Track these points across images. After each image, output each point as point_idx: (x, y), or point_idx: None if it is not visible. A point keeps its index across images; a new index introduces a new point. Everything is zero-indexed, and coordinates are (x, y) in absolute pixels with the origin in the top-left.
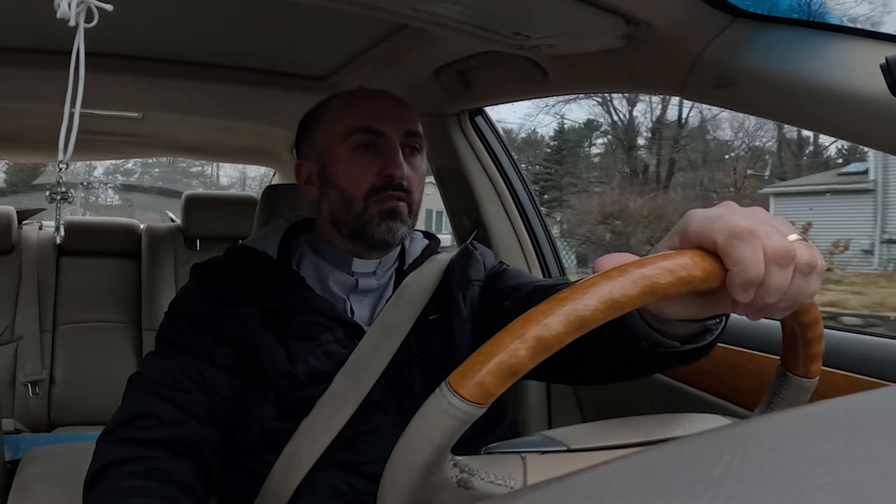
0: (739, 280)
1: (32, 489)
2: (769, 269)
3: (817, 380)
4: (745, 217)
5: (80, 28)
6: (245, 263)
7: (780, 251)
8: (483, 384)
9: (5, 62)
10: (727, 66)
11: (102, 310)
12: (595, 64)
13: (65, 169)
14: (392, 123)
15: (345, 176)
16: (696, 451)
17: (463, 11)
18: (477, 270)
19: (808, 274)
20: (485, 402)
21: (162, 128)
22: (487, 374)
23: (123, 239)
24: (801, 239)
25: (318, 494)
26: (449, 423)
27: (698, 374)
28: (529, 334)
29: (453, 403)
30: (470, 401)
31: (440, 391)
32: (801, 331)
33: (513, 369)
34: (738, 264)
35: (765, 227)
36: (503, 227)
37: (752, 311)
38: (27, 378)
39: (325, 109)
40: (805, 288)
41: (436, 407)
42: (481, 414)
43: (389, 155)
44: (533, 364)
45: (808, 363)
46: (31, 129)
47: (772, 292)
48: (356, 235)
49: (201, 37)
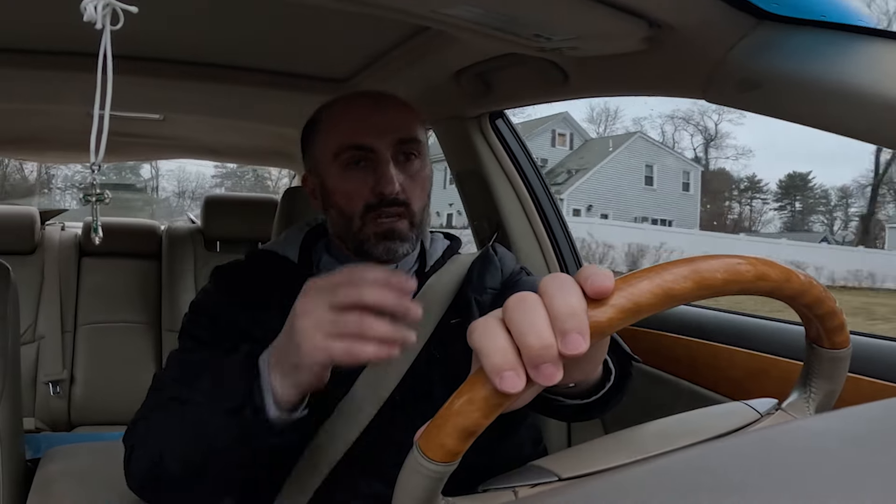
0: (482, 362)
1: (52, 487)
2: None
3: (850, 348)
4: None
5: (107, 30)
6: (266, 267)
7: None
8: (444, 446)
9: (29, 64)
10: (752, 69)
11: (123, 310)
12: (617, 66)
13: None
14: (381, 136)
15: (340, 194)
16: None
17: (483, 14)
18: (493, 277)
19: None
20: (452, 461)
21: (183, 129)
22: (447, 436)
23: (144, 240)
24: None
25: (337, 497)
26: (425, 483)
27: (722, 379)
28: (477, 396)
29: (422, 464)
30: (436, 461)
31: (413, 451)
32: (807, 311)
33: (469, 430)
34: (480, 353)
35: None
36: (523, 230)
37: (529, 369)
38: (48, 377)
39: (317, 122)
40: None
41: (410, 467)
42: (453, 469)
43: (380, 171)
44: (488, 422)
45: (832, 336)
46: (55, 131)
47: (515, 334)
48: (359, 252)
49: (222, 39)
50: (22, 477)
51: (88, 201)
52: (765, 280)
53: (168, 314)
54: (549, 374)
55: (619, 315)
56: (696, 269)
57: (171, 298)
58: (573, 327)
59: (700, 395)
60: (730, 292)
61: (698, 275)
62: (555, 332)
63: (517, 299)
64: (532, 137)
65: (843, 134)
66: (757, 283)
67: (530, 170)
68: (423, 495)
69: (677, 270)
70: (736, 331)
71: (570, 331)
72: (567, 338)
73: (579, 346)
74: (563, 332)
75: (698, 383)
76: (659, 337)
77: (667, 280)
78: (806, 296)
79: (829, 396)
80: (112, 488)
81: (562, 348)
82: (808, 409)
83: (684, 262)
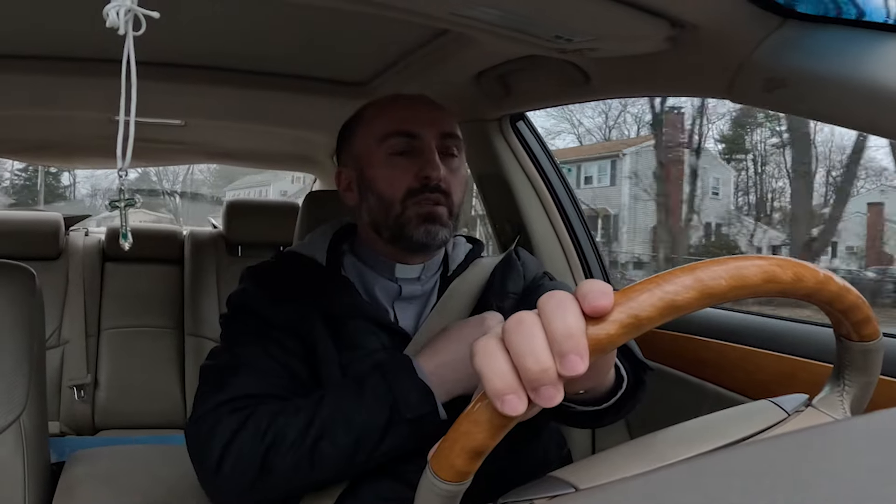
0: (484, 385)
1: (77, 490)
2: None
3: (881, 339)
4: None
5: (129, 36)
6: (296, 268)
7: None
8: (454, 467)
9: (51, 70)
10: (777, 68)
11: (146, 315)
12: (639, 67)
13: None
14: (427, 126)
15: (382, 180)
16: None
17: (503, 15)
18: (515, 282)
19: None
20: (463, 480)
21: (204, 134)
22: (456, 457)
23: (167, 245)
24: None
25: (362, 500)
26: (438, 501)
27: (749, 382)
28: (482, 418)
29: (435, 484)
30: (448, 481)
31: (426, 471)
32: (828, 308)
33: (477, 450)
34: (481, 376)
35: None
36: (546, 233)
37: (530, 391)
38: (73, 382)
39: (362, 116)
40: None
41: (425, 486)
42: (465, 488)
43: (426, 157)
44: (494, 442)
45: (860, 329)
46: (75, 136)
47: (514, 357)
48: (396, 239)
49: (243, 44)
50: (47, 480)
51: (116, 207)
52: (775, 282)
53: (191, 318)
54: (549, 396)
55: (619, 331)
56: (698, 277)
57: (193, 303)
58: (570, 349)
59: (727, 397)
60: (737, 297)
61: (701, 283)
62: (553, 354)
63: (515, 321)
64: None
65: (871, 132)
66: (766, 286)
67: (552, 172)
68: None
69: (679, 280)
70: (764, 333)
71: (568, 352)
72: (565, 360)
73: (577, 367)
74: (561, 353)
75: (725, 386)
76: (684, 340)
77: (668, 291)
78: (822, 293)
79: (865, 389)
80: (135, 491)
81: (560, 370)
82: (842, 403)
83: (686, 269)
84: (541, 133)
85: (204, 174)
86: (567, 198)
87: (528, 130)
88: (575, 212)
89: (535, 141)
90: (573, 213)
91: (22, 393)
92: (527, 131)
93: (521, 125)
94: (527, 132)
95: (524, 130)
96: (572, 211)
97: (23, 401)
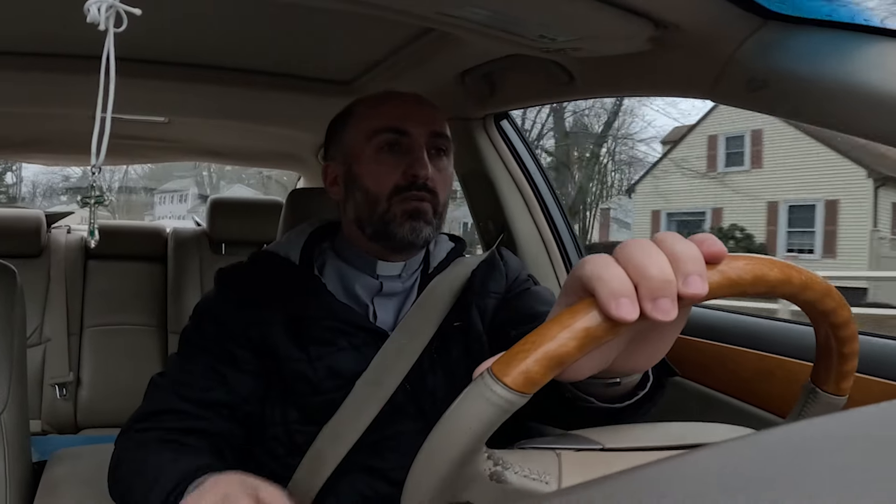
0: (597, 288)
1: (59, 490)
2: (626, 261)
3: (846, 398)
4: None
5: (111, 33)
6: (268, 269)
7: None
8: (528, 373)
9: (35, 66)
10: (759, 68)
11: (129, 313)
12: (622, 67)
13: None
14: (417, 124)
15: (369, 175)
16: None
17: (488, 15)
18: (497, 282)
19: (682, 254)
20: (528, 392)
21: (187, 132)
22: (534, 362)
23: (150, 242)
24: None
25: (341, 498)
26: (490, 412)
27: (730, 380)
28: (578, 325)
29: (496, 391)
30: (514, 389)
31: (482, 379)
32: (838, 345)
33: (560, 359)
34: (596, 280)
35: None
36: (529, 232)
37: (646, 302)
38: (54, 380)
39: (353, 111)
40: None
41: (477, 395)
42: (524, 403)
43: (414, 155)
44: (580, 355)
45: (840, 380)
46: (60, 134)
47: (633, 268)
48: (379, 236)
49: (226, 41)
50: (28, 479)
51: (87, 203)
52: (788, 284)
53: (174, 316)
54: (666, 309)
55: (723, 282)
56: (788, 264)
57: (176, 300)
58: (695, 269)
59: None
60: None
61: (789, 268)
62: (675, 273)
63: (632, 241)
64: None
65: (851, 133)
66: (804, 293)
67: (536, 171)
68: (481, 428)
69: (773, 263)
70: (744, 331)
71: (693, 272)
72: (689, 279)
73: (700, 288)
74: (686, 273)
75: (706, 384)
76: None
77: (764, 264)
78: (846, 328)
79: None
80: None
81: (682, 287)
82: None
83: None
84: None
85: (139, 173)
86: (551, 198)
87: (511, 129)
88: (559, 212)
89: (518, 140)
90: (556, 213)
91: (3, 391)
92: (510, 130)
93: (504, 124)
94: (510, 131)
95: (508, 129)
96: (555, 210)
97: (3, 399)
